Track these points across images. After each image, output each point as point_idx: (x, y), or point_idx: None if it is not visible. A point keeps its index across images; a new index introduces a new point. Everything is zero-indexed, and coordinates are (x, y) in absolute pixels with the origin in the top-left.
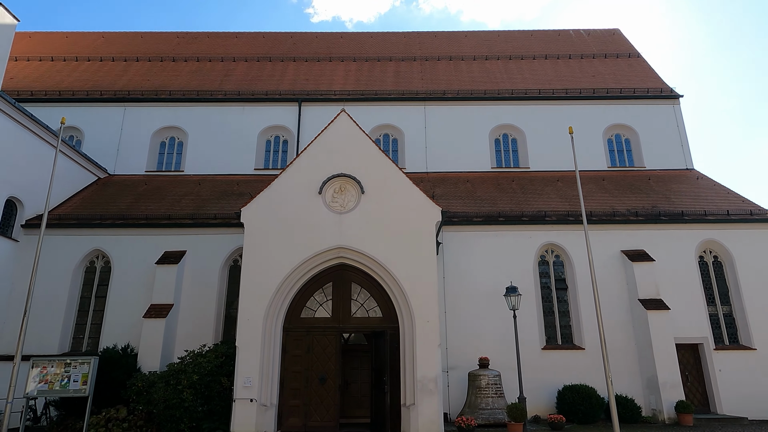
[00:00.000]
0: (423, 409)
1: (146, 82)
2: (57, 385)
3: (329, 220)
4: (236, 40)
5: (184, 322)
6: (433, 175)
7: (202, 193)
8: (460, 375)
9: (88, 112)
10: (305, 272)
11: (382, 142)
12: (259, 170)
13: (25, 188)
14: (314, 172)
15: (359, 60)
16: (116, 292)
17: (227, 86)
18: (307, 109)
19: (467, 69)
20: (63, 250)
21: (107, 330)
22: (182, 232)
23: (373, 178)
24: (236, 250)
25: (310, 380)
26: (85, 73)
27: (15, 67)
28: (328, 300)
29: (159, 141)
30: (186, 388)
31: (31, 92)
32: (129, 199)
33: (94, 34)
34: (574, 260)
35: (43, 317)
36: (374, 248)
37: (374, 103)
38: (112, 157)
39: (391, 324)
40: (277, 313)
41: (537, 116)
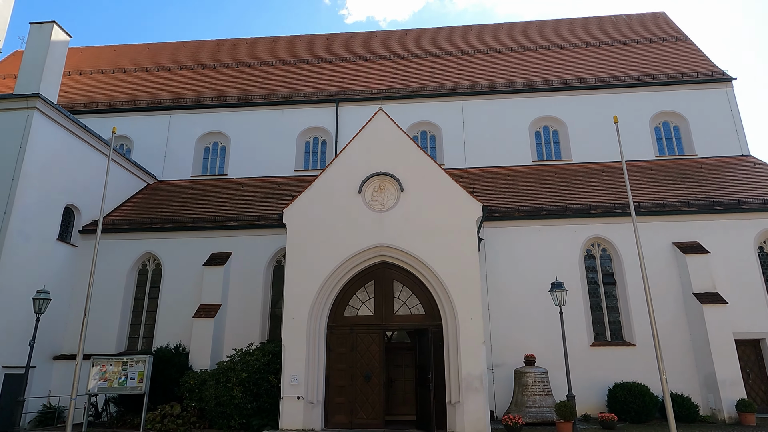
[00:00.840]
0: (469, 406)
1: (189, 90)
2: (116, 383)
3: (369, 219)
4: (274, 45)
5: (232, 322)
6: (472, 171)
7: (245, 196)
8: (505, 373)
9: (136, 121)
10: (347, 271)
11: (420, 139)
12: (299, 171)
13: (81, 196)
14: (353, 172)
15: (394, 58)
16: (167, 293)
17: (266, 90)
18: (344, 110)
19: (504, 62)
20: (117, 253)
21: (160, 330)
22: (227, 234)
23: (412, 175)
24: (279, 250)
25: (355, 378)
26: (132, 84)
27: (68, 81)
28: (370, 298)
29: (203, 146)
30: (235, 386)
31: (84, 104)
32: (176, 204)
33: (140, 46)
34: (622, 254)
35: (101, 318)
36: (415, 246)
37: (411, 101)
38: (159, 163)
39: (434, 322)
40: (320, 312)
41: (579, 107)
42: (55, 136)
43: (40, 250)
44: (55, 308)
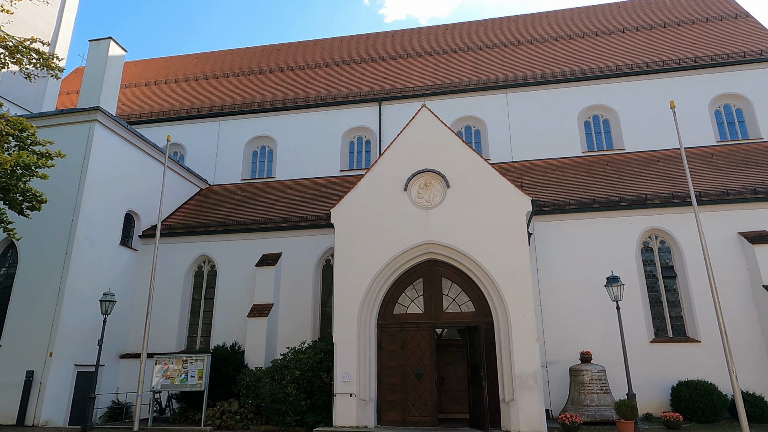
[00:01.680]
0: (523, 405)
1: (237, 96)
2: (177, 380)
3: (416, 216)
4: (316, 48)
5: (284, 320)
6: (519, 165)
7: (293, 197)
8: (560, 370)
9: (188, 128)
10: (395, 269)
11: (464, 134)
12: (345, 171)
13: (140, 202)
14: (398, 170)
15: (436, 54)
16: (222, 293)
17: (310, 92)
18: (387, 108)
19: (550, 51)
20: (175, 256)
21: (216, 329)
22: (277, 236)
23: (457, 171)
24: (328, 249)
25: (406, 375)
26: (184, 93)
27: (125, 94)
28: (419, 296)
29: (251, 150)
30: (289, 383)
31: (140, 115)
32: (228, 207)
33: (189, 56)
34: (682, 245)
35: (162, 318)
36: (463, 242)
37: (454, 96)
38: (211, 168)
39: (485, 318)
40: (370, 310)
41: (630, 93)
42: (114, 146)
43: (104, 254)
44: (120, 309)
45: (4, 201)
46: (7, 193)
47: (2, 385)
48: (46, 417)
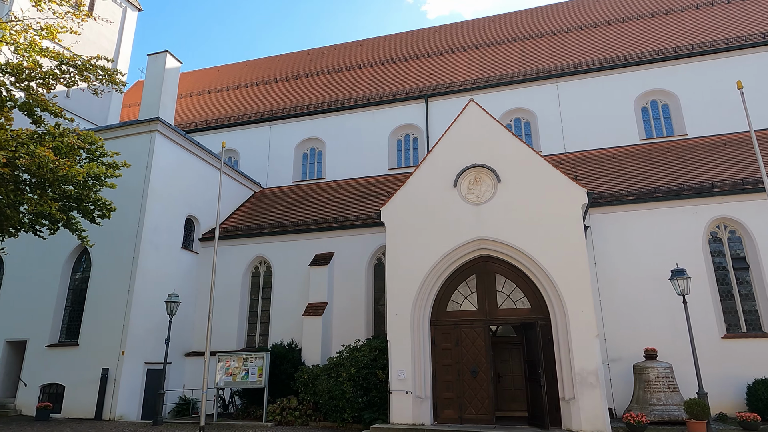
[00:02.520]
0: (585, 403)
1: (286, 100)
2: (238, 377)
3: (467, 213)
4: (361, 48)
5: (338, 319)
6: (572, 156)
7: (343, 197)
8: (623, 368)
9: (241, 134)
10: (447, 266)
11: (514, 126)
12: (393, 170)
13: (198, 207)
14: (447, 166)
15: (481, 47)
16: (278, 293)
17: (356, 93)
18: (433, 104)
19: (602, 36)
20: (232, 258)
21: (273, 327)
22: (329, 235)
23: (508, 165)
24: (379, 248)
25: (462, 373)
26: (236, 100)
27: (181, 104)
28: (472, 293)
29: (301, 153)
30: (346, 381)
31: (196, 123)
32: (281, 209)
33: (240, 64)
34: (755, 235)
35: (222, 318)
36: (516, 238)
37: (502, 88)
38: (263, 171)
39: (541, 315)
40: (423, 308)
41: (692, 75)
42: (174, 154)
43: (167, 258)
44: (183, 310)
45: (78, 210)
46: (80, 202)
47: (81, 382)
48: (120, 412)
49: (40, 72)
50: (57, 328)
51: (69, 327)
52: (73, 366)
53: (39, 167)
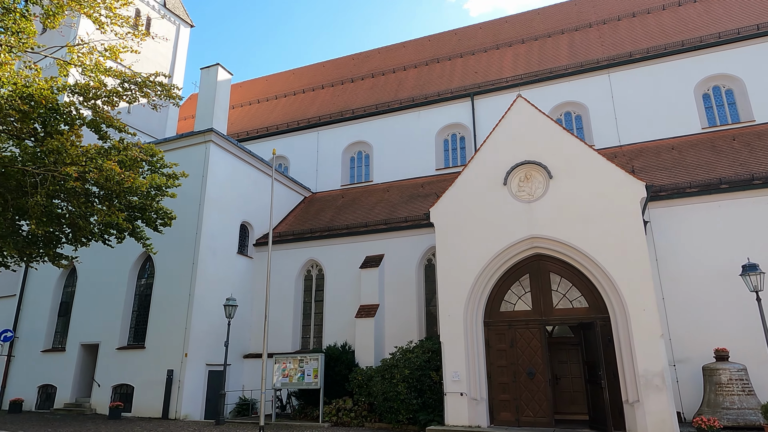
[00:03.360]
0: (650, 406)
1: (332, 106)
2: (295, 379)
3: (518, 210)
4: (404, 50)
5: (390, 320)
6: (628, 148)
7: (391, 199)
8: (691, 369)
9: (290, 140)
10: (499, 265)
11: (564, 121)
12: (441, 170)
13: (252, 213)
14: (496, 164)
15: (528, 41)
16: (330, 295)
17: (401, 95)
18: (480, 102)
19: (656, 22)
20: (285, 262)
21: (327, 329)
22: (379, 237)
23: (559, 160)
24: (429, 249)
25: (518, 374)
26: (284, 108)
27: (233, 114)
28: (526, 292)
29: (349, 156)
30: (400, 382)
31: (247, 132)
32: (331, 213)
33: (287, 73)
34: None
35: (277, 320)
36: (571, 235)
37: (550, 82)
38: (312, 176)
39: (600, 314)
40: (476, 308)
41: (758, 57)
42: (227, 163)
43: (224, 263)
44: (240, 313)
45: (142, 219)
46: (144, 212)
47: (149, 383)
48: (185, 411)
49: (105, 91)
50: (125, 331)
51: (136, 330)
52: (141, 367)
53: (106, 180)
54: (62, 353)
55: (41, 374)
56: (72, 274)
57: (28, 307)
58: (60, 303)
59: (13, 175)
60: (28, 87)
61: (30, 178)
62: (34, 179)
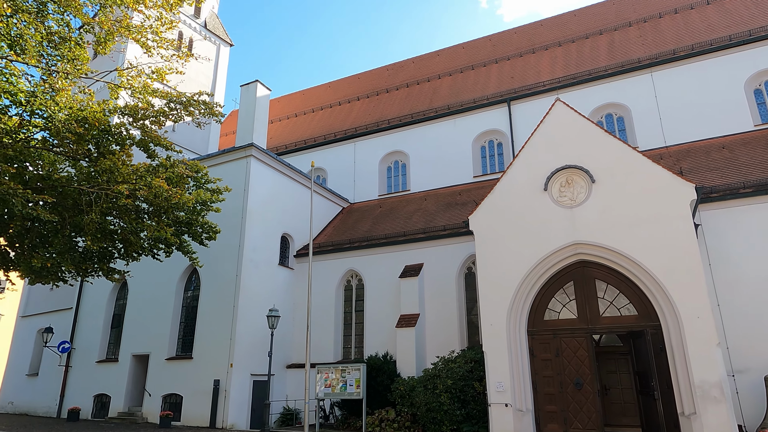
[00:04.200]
0: (708, 419)
1: (368, 117)
2: (337, 389)
3: (560, 216)
4: (438, 58)
5: (431, 330)
6: (674, 149)
7: (429, 208)
8: (751, 379)
9: (327, 152)
10: (542, 273)
11: (605, 123)
12: (478, 177)
13: (292, 224)
14: (536, 169)
15: (564, 43)
16: (370, 305)
17: (436, 103)
18: (516, 107)
19: (700, 17)
20: (325, 272)
21: (368, 339)
22: (417, 247)
23: (602, 164)
24: (469, 257)
25: (565, 385)
26: (321, 121)
27: (272, 129)
28: (571, 300)
29: (385, 166)
30: (442, 393)
31: (286, 146)
32: (369, 223)
33: (323, 86)
34: None
35: (318, 331)
36: (616, 240)
37: (589, 84)
38: (350, 187)
39: (650, 322)
40: (519, 317)
41: None
42: (267, 176)
43: (266, 274)
44: (282, 323)
45: (188, 233)
46: (190, 227)
47: (197, 393)
48: (232, 420)
49: (153, 111)
50: (174, 342)
51: (184, 341)
52: (189, 377)
53: (155, 197)
54: (115, 364)
55: (96, 384)
56: (123, 287)
57: (83, 319)
58: (113, 315)
59: (70, 194)
60: (82, 110)
61: (85, 196)
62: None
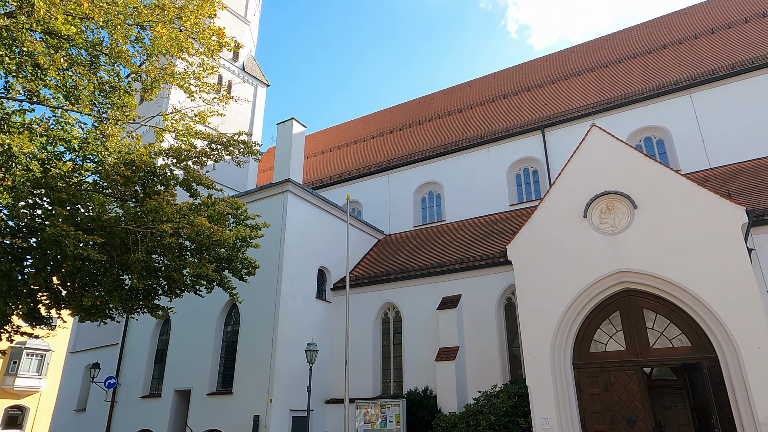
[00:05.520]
0: None
1: (401, 149)
2: (377, 425)
3: (601, 244)
4: (470, 89)
5: (471, 363)
6: (719, 171)
7: (465, 238)
8: None
9: (362, 185)
10: (585, 303)
11: (645, 147)
12: (514, 206)
13: (329, 257)
14: (574, 196)
15: (597, 69)
16: (408, 338)
17: (469, 133)
18: (551, 134)
19: (738, 37)
20: (363, 305)
21: (407, 373)
22: (454, 277)
23: (643, 189)
24: (508, 287)
25: (616, 422)
26: (355, 154)
27: (308, 164)
28: (618, 331)
29: (420, 197)
30: (486, 429)
31: (321, 180)
32: (405, 254)
33: (356, 121)
34: None
35: (356, 365)
36: (664, 267)
37: (625, 108)
38: (385, 219)
39: (706, 354)
40: (563, 349)
41: None
42: (304, 211)
43: (304, 308)
44: (320, 357)
45: (229, 269)
46: (231, 263)
47: (237, 428)
48: None
49: (195, 152)
50: (214, 377)
51: (224, 376)
52: (229, 413)
53: (197, 234)
54: (158, 399)
55: (140, 419)
56: (166, 323)
57: (128, 355)
58: (156, 350)
59: (118, 234)
60: (130, 154)
61: (132, 236)
62: (136, 237)
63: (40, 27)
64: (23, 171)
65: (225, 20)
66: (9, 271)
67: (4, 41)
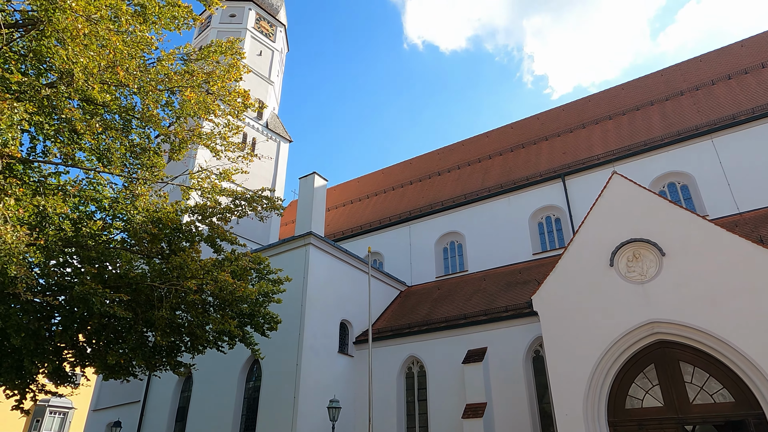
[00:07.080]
0: None
1: (421, 199)
2: None
3: (630, 293)
4: (488, 139)
5: (500, 420)
6: (749, 216)
7: (488, 288)
8: None
9: (383, 236)
10: (617, 355)
11: (668, 193)
12: (537, 254)
13: (350, 310)
14: (599, 245)
15: (615, 116)
16: (433, 393)
17: (489, 182)
18: (572, 182)
19: (756, 81)
20: (385, 359)
21: (433, 431)
22: (479, 329)
23: (670, 235)
24: (535, 339)
25: None
26: (375, 206)
27: (329, 216)
28: (654, 386)
29: (441, 248)
30: None
31: (342, 232)
32: (428, 306)
33: (377, 173)
34: None
35: (380, 421)
36: (698, 317)
37: (646, 155)
38: (407, 270)
39: (751, 410)
40: (596, 405)
41: None
42: (326, 263)
43: (326, 362)
44: (343, 414)
45: (251, 325)
46: (253, 318)
47: None
48: None
49: (220, 209)
50: None
51: None
52: None
53: (221, 290)
54: None
55: None
56: (188, 379)
57: (150, 412)
58: (177, 408)
59: (143, 291)
60: (157, 212)
61: (157, 292)
62: (161, 293)
63: (78, 96)
64: (56, 231)
65: (250, 82)
66: (37, 330)
67: (44, 109)
